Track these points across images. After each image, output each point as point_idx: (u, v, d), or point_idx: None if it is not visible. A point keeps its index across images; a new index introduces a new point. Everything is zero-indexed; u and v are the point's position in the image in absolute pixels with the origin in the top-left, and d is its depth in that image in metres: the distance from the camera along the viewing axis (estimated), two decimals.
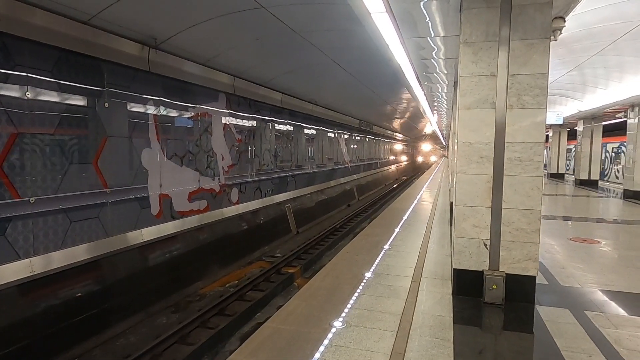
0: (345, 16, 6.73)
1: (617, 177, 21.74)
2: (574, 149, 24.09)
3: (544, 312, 4.33)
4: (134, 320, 6.84)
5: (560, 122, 17.14)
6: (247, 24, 7.36)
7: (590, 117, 19.17)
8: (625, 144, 15.92)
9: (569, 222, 10.32)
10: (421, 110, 19.83)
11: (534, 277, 4.40)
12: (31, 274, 5.38)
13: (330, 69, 11.52)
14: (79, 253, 6.10)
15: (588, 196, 16.43)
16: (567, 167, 26.89)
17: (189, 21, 6.93)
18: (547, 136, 29.21)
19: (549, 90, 13.85)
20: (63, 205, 5.87)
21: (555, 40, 4.86)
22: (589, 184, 20.13)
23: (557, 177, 25.48)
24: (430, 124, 30.64)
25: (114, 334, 6.40)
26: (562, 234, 8.51)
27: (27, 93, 5.34)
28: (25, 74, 5.32)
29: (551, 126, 24.41)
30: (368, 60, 10.65)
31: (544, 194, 16.06)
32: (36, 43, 5.41)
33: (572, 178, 22.83)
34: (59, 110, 5.82)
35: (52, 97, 5.74)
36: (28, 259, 5.38)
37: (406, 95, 15.98)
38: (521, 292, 4.42)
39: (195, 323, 6.77)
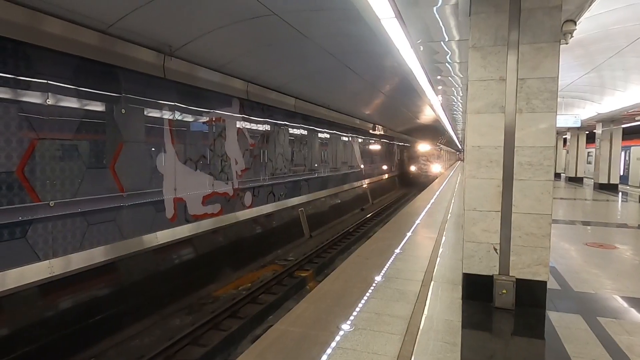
0: (356, 22, 6.79)
1: None
2: (592, 152, 23.63)
3: (556, 318, 4.28)
4: (148, 321, 6.98)
5: (578, 125, 16.82)
6: (259, 30, 7.49)
7: (609, 120, 18.79)
8: None
9: (587, 227, 10.14)
10: (435, 113, 19.74)
11: (544, 282, 4.36)
12: (50, 275, 5.55)
13: (342, 73, 11.59)
14: (96, 255, 6.27)
15: (607, 200, 16.09)
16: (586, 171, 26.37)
17: (203, 29, 7.09)
18: (565, 139, 28.69)
19: (566, 93, 13.75)
20: (81, 208, 6.04)
21: (567, 44, 4.83)
22: (609, 187, 19.69)
23: (576, 180, 24.98)
24: (445, 128, 30.41)
25: (129, 335, 6.54)
26: (578, 239, 8.36)
27: (47, 100, 5.54)
28: (45, 81, 5.52)
29: (569, 129, 23.98)
30: (379, 64, 10.69)
31: (561, 198, 15.75)
32: (56, 52, 5.61)
33: (591, 182, 22.36)
34: (77, 116, 6.01)
35: (71, 103, 5.94)
36: (48, 261, 5.56)
37: (419, 99, 15.94)
38: (532, 297, 4.38)
39: (208, 325, 6.87)
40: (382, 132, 26.54)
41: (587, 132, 24.71)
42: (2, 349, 5.01)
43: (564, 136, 28.68)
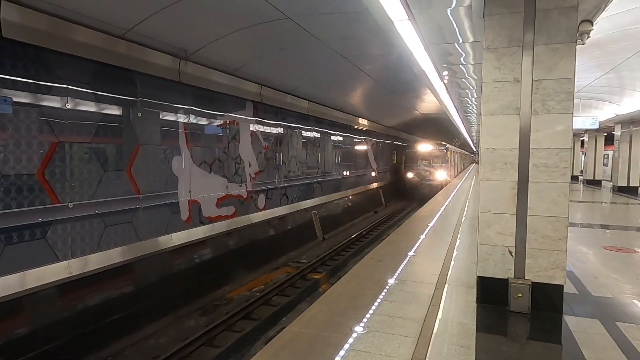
0: (369, 24, 6.80)
1: None
2: (611, 154, 23.14)
3: (573, 322, 4.21)
4: (163, 322, 7.07)
5: (596, 126, 16.50)
6: (273, 34, 7.56)
7: (629, 121, 18.40)
8: None
9: (605, 231, 9.93)
10: (449, 116, 19.59)
11: (561, 286, 4.29)
12: (69, 275, 5.67)
13: (356, 76, 11.60)
14: (112, 256, 6.38)
15: (627, 204, 15.74)
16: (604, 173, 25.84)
17: (217, 33, 7.19)
18: (582, 141, 28.17)
19: (583, 94, 13.52)
20: (98, 210, 6.17)
21: (583, 44, 4.77)
22: (629, 190, 19.26)
23: (594, 183, 24.50)
24: (460, 130, 30.19)
25: (145, 335, 6.64)
26: (597, 242, 8.20)
27: (66, 104, 5.68)
28: (65, 86, 5.66)
29: (586, 131, 23.55)
30: (393, 66, 10.67)
31: (578, 201, 15.46)
32: (75, 57, 5.75)
33: (610, 184, 21.90)
34: (95, 120, 6.15)
35: (90, 107, 6.07)
36: (66, 261, 5.68)
37: (433, 101, 15.85)
38: (548, 301, 4.31)
39: (222, 326, 6.93)
40: (395, 135, 26.61)
41: (605, 134, 24.22)
42: (23, 347, 5.13)
43: (581, 138, 28.17)
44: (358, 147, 19.55)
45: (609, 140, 23.68)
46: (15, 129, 5.09)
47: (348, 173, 18.00)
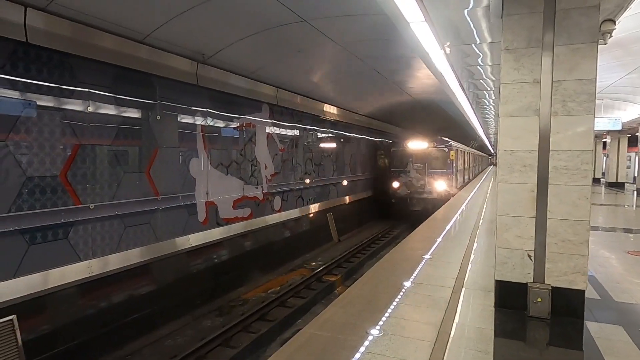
0: (385, 26, 6.79)
1: None
2: (634, 156, 22.53)
3: (595, 329, 4.12)
4: (180, 322, 7.16)
5: (619, 127, 16.11)
6: (289, 36, 7.60)
7: None
8: None
9: (629, 235, 9.67)
10: (466, 117, 19.39)
11: (582, 291, 4.19)
12: (90, 275, 5.80)
13: (372, 78, 11.58)
14: (132, 256, 6.50)
15: None
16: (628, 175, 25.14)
17: (234, 36, 7.27)
18: (604, 143, 27.50)
19: (605, 94, 13.21)
20: (118, 211, 6.29)
21: (605, 44, 4.66)
22: None
23: (617, 186, 23.87)
24: (477, 132, 29.77)
25: (162, 334, 6.74)
26: (620, 247, 7.99)
27: (88, 107, 5.82)
28: (87, 90, 5.80)
29: (608, 132, 22.99)
30: (409, 68, 10.61)
31: (600, 204, 15.08)
32: (97, 62, 5.89)
33: (633, 187, 21.31)
34: (116, 123, 6.28)
35: (110, 110, 6.21)
36: (87, 261, 5.81)
37: (450, 103, 15.69)
38: (569, 306, 4.22)
39: (238, 327, 6.98)
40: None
41: (628, 135, 23.59)
42: (44, 345, 5.26)
43: (603, 139, 27.50)
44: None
45: (633, 141, 23.09)
46: (39, 132, 5.24)
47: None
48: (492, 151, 58.60)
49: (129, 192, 6.49)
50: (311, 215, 12.76)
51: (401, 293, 5.03)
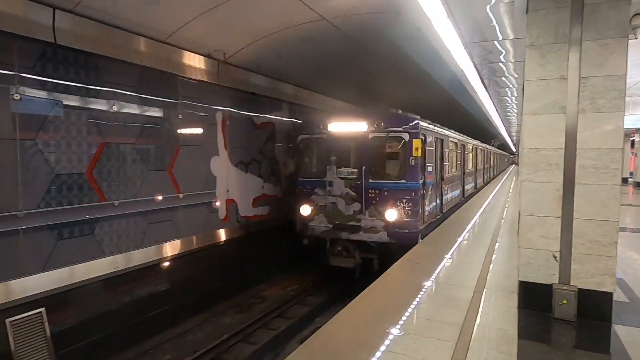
0: (406, 23, 6.72)
1: None
2: None
3: (623, 332, 4.00)
4: (200, 318, 7.26)
5: None
6: (309, 35, 7.60)
7: None
8: None
9: None
10: (487, 115, 19.06)
11: (610, 294, 4.07)
12: (115, 270, 5.93)
13: (392, 76, 11.49)
14: (154, 252, 6.62)
15: None
16: None
17: (255, 36, 7.31)
18: (632, 141, 26.64)
19: (634, 91, 12.75)
20: (141, 208, 6.41)
21: (636, 39, 4.52)
22: None
23: None
24: (499, 130, 29.21)
25: (183, 330, 6.85)
26: None
27: (113, 106, 5.95)
28: (112, 89, 5.93)
29: (637, 130, 22.23)
30: (431, 65, 10.48)
31: (629, 205, 14.62)
32: (121, 62, 6.01)
33: None
34: (139, 122, 6.40)
35: (134, 109, 6.33)
36: (112, 256, 5.95)
37: (471, 100, 15.45)
38: (596, 308, 4.11)
39: (258, 324, 7.04)
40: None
41: None
42: (70, 338, 5.41)
43: (631, 138, 26.63)
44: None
45: None
46: (67, 131, 5.38)
47: None
48: (514, 150, 57.40)
49: (152, 190, 6.59)
50: None
51: (422, 292, 4.98)
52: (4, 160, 4.75)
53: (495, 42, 7.68)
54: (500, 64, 9.52)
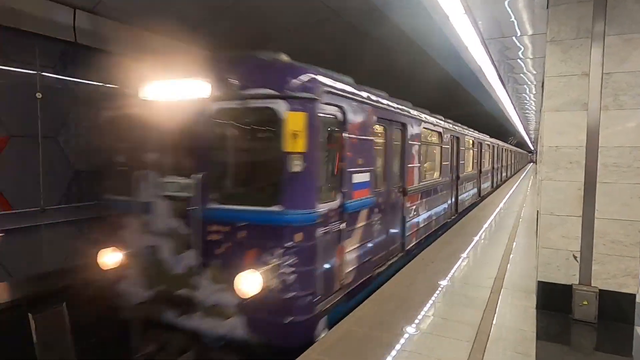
0: (423, 19, 6.66)
1: None
2: None
3: None
4: None
5: None
6: (324, 31, 7.58)
7: None
8: None
9: None
10: (505, 112, 18.79)
11: (633, 295, 3.97)
12: None
13: (412, 73, 11.41)
14: None
15: None
16: None
17: (272, 33, 7.33)
18: None
19: None
20: None
21: None
22: None
23: None
24: (516, 127, 28.77)
25: None
26: None
27: None
28: None
29: None
30: (448, 62, 10.37)
31: None
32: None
33: None
34: None
35: None
36: None
37: (489, 97, 15.25)
38: (618, 310, 4.01)
39: None
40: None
41: None
42: (88, 331, 5.49)
43: None
44: None
45: None
46: None
47: None
48: (532, 148, 56.45)
49: None
50: None
51: (437, 292, 4.94)
52: None
53: (514, 38, 7.55)
54: (518, 60, 9.35)
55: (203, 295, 3.94)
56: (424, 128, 7.63)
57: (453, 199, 10.32)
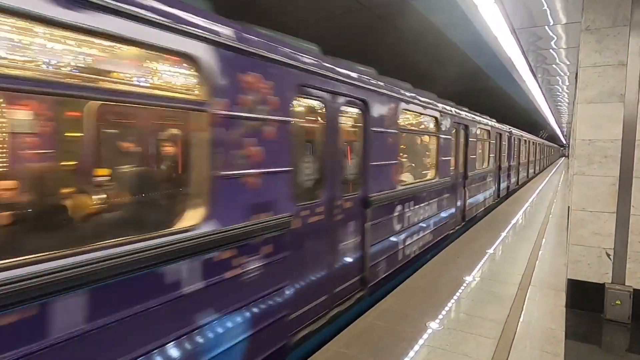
0: (451, 9, 6.51)
1: None
2: None
3: None
4: None
5: None
6: (352, 23, 7.51)
7: None
8: None
9: None
10: (535, 105, 18.21)
11: None
12: None
13: (435, 66, 11.21)
14: None
15: None
16: None
17: (298, 24, 7.32)
18: None
19: None
20: None
21: None
22: None
23: None
24: (548, 121, 27.81)
25: None
26: None
27: None
28: None
29: None
30: (476, 53, 10.13)
31: None
32: None
33: None
34: None
35: None
36: None
37: (519, 89, 14.80)
38: None
39: None
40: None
41: None
42: None
43: None
44: None
45: None
46: None
47: None
48: (564, 142, 54.56)
49: None
50: None
51: (462, 287, 4.87)
52: None
53: (546, 27, 7.28)
54: (551, 50, 9.02)
55: None
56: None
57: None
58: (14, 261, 1.71)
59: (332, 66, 3.86)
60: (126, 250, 2.07)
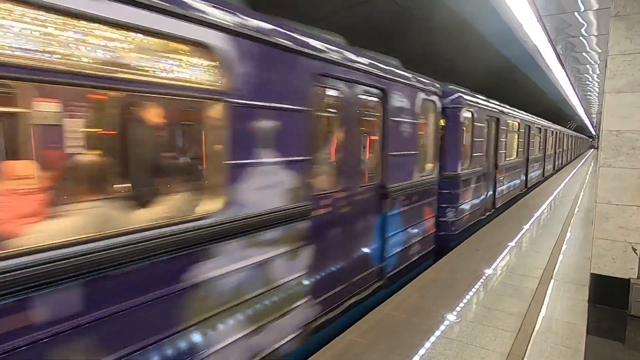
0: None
1: None
2: None
3: None
4: None
5: None
6: (369, 13, 7.42)
7: None
8: None
9: None
10: (563, 95, 17.65)
11: None
12: None
13: (457, 56, 10.97)
14: None
15: None
16: None
17: (317, 15, 7.28)
18: None
19: None
20: None
21: None
22: None
23: None
24: (577, 111, 26.88)
25: None
26: None
27: None
28: None
29: None
30: (500, 41, 9.86)
31: None
32: None
33: None
34: None
35: None
36: None
37: (546, 79, 14.36)
38: None
39: None
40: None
41: None
42: None
43: None
44: None
45: None
46: None
47: None
48: (594, 133, 52.77)
49: None
50: None
51: (481, 280, 4.82)
52: None
53: (576, 13, 7.02)
54: (580, 37, 8.70)
55: None
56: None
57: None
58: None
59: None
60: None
